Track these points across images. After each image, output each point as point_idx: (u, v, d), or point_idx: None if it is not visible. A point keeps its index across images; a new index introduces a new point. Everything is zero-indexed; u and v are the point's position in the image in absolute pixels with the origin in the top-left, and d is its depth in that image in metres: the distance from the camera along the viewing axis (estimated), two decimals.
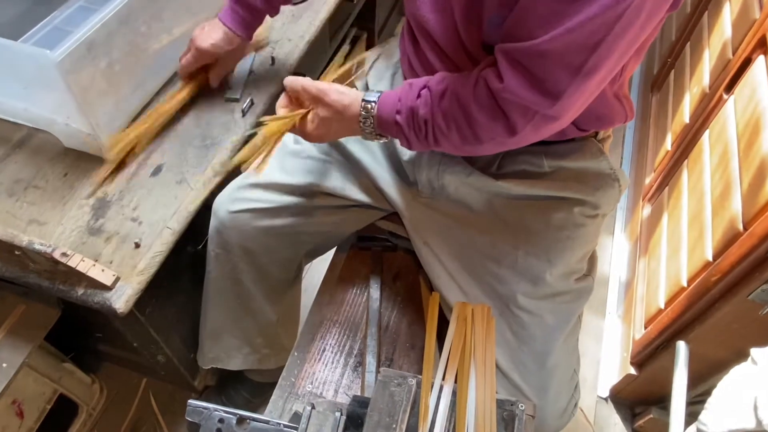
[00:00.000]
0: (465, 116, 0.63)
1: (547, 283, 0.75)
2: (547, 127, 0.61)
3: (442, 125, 0.64)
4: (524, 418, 0.64)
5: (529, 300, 0.75)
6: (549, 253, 0.75)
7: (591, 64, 0.54)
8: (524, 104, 0.58)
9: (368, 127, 0.69)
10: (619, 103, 0.71)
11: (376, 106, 0.68)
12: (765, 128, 0.85)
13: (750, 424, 0.66)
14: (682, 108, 1.34)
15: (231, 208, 0.86)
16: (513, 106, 0.59)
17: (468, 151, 0.67)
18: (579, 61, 0.54)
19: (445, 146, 0.67)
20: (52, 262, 0.72)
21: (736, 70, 1.06)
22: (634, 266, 1.38)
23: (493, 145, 0.64)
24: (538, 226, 0.76)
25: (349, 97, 0.69)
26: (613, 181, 0.76)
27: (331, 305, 0.94)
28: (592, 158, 0.75)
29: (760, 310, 0.84)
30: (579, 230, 0.76)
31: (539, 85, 0.56)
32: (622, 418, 1.28)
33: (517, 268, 0.76)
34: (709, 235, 0.95)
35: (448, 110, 0.63)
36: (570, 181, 0.75)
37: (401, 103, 0.66)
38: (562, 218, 0.75)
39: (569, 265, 0.76)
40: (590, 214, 0.76)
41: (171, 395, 1.26)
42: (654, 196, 1.39)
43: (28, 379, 0.94)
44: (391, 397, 0.64)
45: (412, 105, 0.66)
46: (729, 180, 0.93)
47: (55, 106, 0.84)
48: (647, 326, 1.16)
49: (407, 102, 0.66)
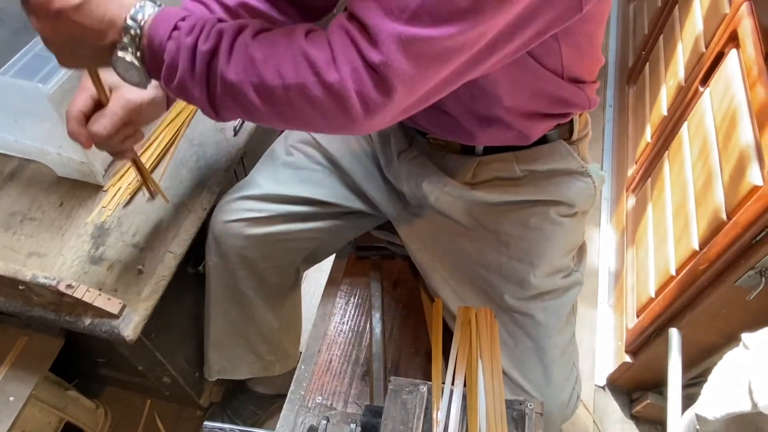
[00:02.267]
0: (269, 50, 0.51)
1: (533, 285, 0.77)
2: (363, 69, 0.48)
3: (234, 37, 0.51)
4: (533, 417, 0.66)
5: (518, 301, 0.78)
6: (530, 256, 0.77)
7: (414, 6, 0.45)
8: (344, 26, 0.49)
9: (128, 45, 0.52)
10: (576, 88, 0.70)
11: (152, 16, 0.52)
12: (742, 121, 0.89)
13: (746, 408, 0.69)
14: (659, 100, 1.38)
15: (225, 218, 0.87)
16: (336, 31, 0.50)
17: (261, 81, 0.51)
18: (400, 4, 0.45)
19: (230, 73, 0.51)
20: (57, 294, 0.72)
21: (710, 63, 1.10)
22: (623, 256, 1.41)
23: (292, 74, 0.50)
24: (517, 231, 0.77)
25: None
26: (585, 177, 0.77)
27: (334, 316, 0.96)
28: (562, 159, 0.76)
29: (748, 295, 0.87)
30: (557, 230, 0.77)
31: (358, 23, 0.48)
32: (620, 405, 1.32)
33: (503, 273, 0.78)
34: (695, 225, 0.99)
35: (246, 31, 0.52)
36: (543, 183, 0.76)
37: (187, 21, 0.52)
38: (539, 220, 0.77)
39: (552, 265, 0.79)
40: (567, 213, 0.78)
41: (176, 414, 1.26)
42: (637, 187, 1.43)
43: (34, 410, 0.94)
44: (403, 405, 0.66)
45: (201, 23, 0.52)
46: (710, 171, 0.97)
47: (46, 137, 0.84)
48: (639, 315, 1.19)
49: (195, 20, 0.53)
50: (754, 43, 0.94)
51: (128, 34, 0.52)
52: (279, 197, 0.86)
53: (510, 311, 0.78)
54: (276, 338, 1.04)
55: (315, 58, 0.49)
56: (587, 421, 1.30)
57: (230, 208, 0.88)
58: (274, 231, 0.87)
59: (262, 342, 1.02)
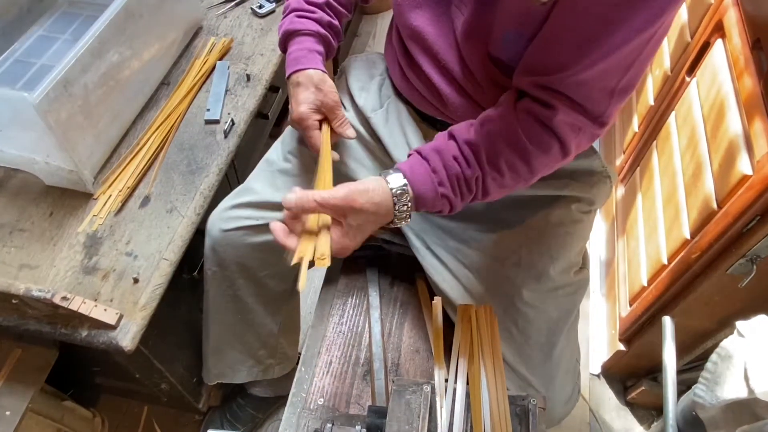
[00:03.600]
0: (519, 154, 0.62)
1: (551, 278, 0.78)
2: (592, 140, 0.64)
3: (496, 175, 0.63)
4: (537, 412, 0.67)
5: (534, 294, 0.78)
6: (551, 249, 0.78)
7: (625, 82, 0.57)
8: (573, 123, 0.60)
9: (404, 213, 0.63)
10: None
11: (408, 188, 0.62)
12: (730, 111, 0.90)
13: (743, 394, 0.71)
14: (645, 90, 1.39)
15: (224, 226, 0.86)
16: (564, 127, 0.61)
17: (518, 188, 0.67)
18: (615, 82, 0.57)
19: (495, 193, 0.65)
20: (52, 307, 0.71)
21: (696, 53, 1.11)
22: (613, 246, 1.43)
23: (546, 171, 0.65)
24: (538, 224, 0.78)
25: (375, 192, 0.61)
26: (605, 177, 0.80)
27: (332, 317, 0.96)
28: (586, 157, 0.78)
29: (739, 283, 0.89)
30: (576, 226, 0.79)
31: (582, 109, 0.59)
32: (615, 392, 1.34)
33: (522, 265, 0.78)
34: (685, 215, 1.00)
35: (500, 156, 0.62)
36: (566, 179, 0.78)
37: (439, 175, 0.63)
38: (561, 215, 0.78)
39: (569, 259, 0.80)
40: (586, 210, 0.80)
41: (174, 419, 1.25)
42: (626, 177, 1.45)
43: (31, 423, 0.93)
44: (407, 405, 0.66)
45: (456, 172, 0.63)
46: (699, 161, 0.98)
47: (33, 146, 0.82)
48: (632, 303, 1.21)
49: (447, 170, 0.63)
50: (740, 33, 0.95)
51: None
52: (277, 204, 0.86)
53: (524, 305, 0.78)
54: (275, 342, 1.04)
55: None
56: (583, 409, 1.32)
57: (228, 216, 0.87)
58: (273, 238, 0.86)
59: (261, 347, 1.02)
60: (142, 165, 0.90)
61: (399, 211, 0.63)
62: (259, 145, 1.23)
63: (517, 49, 0.63)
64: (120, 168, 0.90)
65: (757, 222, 0.81)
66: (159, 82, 1.02)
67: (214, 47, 1.09)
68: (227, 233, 0.86)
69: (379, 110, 0.85)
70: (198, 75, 1.03)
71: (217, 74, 1.05)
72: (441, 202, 0.63)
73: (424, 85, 0.76)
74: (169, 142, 0.95)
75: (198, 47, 1.09)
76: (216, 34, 1.12)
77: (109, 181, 0.89)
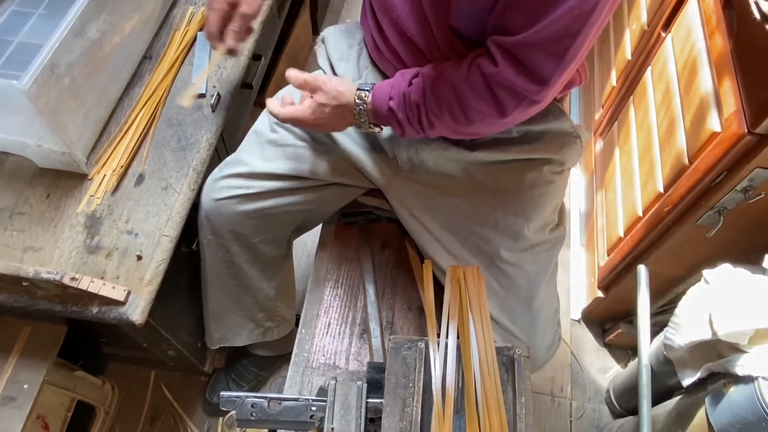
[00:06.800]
0: (457, 98, 0.68)
1: (526, 237, 0.83)
2: (533, 108, 0.67)
3: (434, 108, 0.69)
4: (522, 360, 0.74)
5: (511, 254, 0.84)
6: (525, 211, 0.83)
7: (572, 50, 0.60)
8: (515, 89, 0.64)
9: (362, 115, 0.74)
10: (576, 72, 0.77)
11: (369, 94, 0.73)
12: (702, 69, 0.94)
13: (707, 336, 0.78)
14: (623, 44, 1.41)
15: (215, 196, 0.89)
16: (504, 90, 0.65)
17: (461, 132, 0.72)
18: (562, 48, 0.60)
19: (439, 128, 0.72)
20: (61, 287, 0.74)
21: (672, 8, 1.13)
22: (593, 198, 1.49)
23: (483, 125, 0.70)
24: (512, 187, 0.83)
25: (344, 84, 0.74)
26: (575, 138, 0.83)
27: (328, 281, 1.01)
28: (555, 120, 0.82)
29: (708, 233, 0.95)
30: (549, 186, 0.83)
31: (528, 73, 0.62)
32: (594, 335, 1.43)
33: (498, 227, 0.83)
34: (659, 169, 1.05)
35: (441, 94, 0.68)
36: (537, 142, 0.82)
37: (393, 90, 0.71)
38: (534, 177, 0.82)
39: (543, 219, 0.85)
40: (557, 170, 0.84)
41: (182, 382, 1.32)
42: (605, 131, 1.49)
43: (47, 394, 0.98)
44: (404, 361, 0.72)
45: (404, 91, 0.70)
46: (673, 117, 1.02)
47: (24, 130, 0.83)
48: (610, 253, 1.28)
49: (399, 88, 0.71)
50: None
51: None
52: (267, 174, 0.88)
53: (503, 263, 0.84)
54: (272, 305, 1.08)
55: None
56: (565, 351, 1.41)
57: (219, 186, 0.89)
58: (264, 206, 0.90)
59: (259, 310, 1.07)
60: (132, 143, 0.91)
61: (358, 111, 0.74)
62: (245, 114, 1.24)
63: (473, 20, 0.67)
64: (111, 147, 0.91)
65: (724, 177, 0.87)
66: (141, 56, 1.02)
67: (194, 17, 1.08)
68: (219, 202, 0.89)
69: (358, 81, 0.87)
70: (179, 47, 1.03)
71: (199, 46, 1.04)
72: (388, 114, 0.72)
73: (393, 57, 0.79)
74: (157, 118, 0.96)
75: (177, 18, 1.08)
76: (194, 3, 1.11)
77: (102, 161, 0.90)
